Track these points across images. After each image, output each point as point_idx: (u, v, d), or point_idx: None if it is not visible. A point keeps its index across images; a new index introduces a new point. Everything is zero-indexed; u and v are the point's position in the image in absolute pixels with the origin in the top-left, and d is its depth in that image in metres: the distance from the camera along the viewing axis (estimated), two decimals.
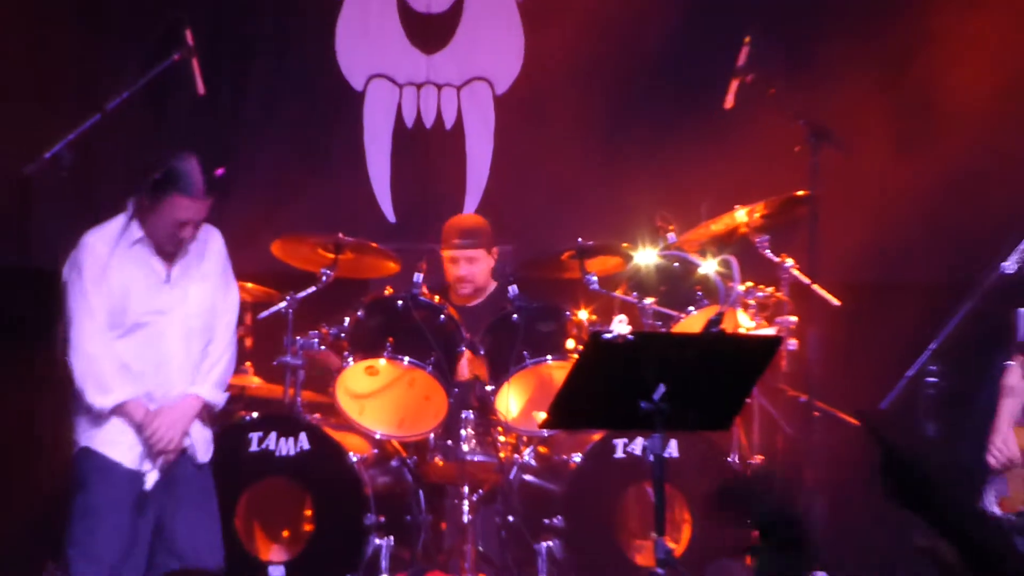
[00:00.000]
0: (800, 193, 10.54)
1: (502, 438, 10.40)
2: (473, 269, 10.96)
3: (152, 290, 8.79)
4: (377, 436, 10.26)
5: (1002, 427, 9.57)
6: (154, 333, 8.79)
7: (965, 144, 11.39)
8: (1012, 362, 9.74)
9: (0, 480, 10.78)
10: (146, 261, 8.79)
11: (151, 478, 8.72)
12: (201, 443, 8.90)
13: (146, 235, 8.78)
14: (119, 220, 8.83)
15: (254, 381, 10.35)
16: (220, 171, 8.80)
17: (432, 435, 10.31)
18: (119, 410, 8.68)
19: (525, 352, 10.28)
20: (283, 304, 10.23)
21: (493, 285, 11.07)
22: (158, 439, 8.69)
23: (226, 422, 9.56)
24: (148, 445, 8.71)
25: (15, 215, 10.71)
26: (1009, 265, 10.07)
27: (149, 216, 8.72)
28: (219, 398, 8.94)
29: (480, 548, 10.31)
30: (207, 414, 8.92)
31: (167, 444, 8.70)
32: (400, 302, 10.34)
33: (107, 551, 8.65)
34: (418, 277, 10.40)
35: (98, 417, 8.72)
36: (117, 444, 8.71)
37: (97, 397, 8.66)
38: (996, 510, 9.54)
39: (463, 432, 10.34)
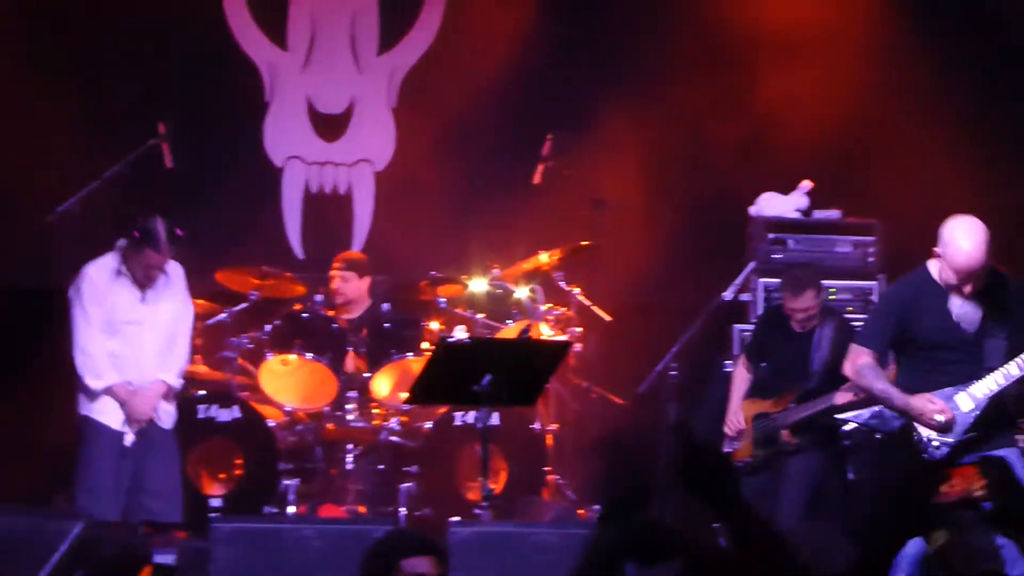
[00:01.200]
0: (584, 243, 10.75)
1: (376, 410, 10.49)
2: (345, 286, 10.74)
3: (131, 306, 9.11)
4: (288, 408, 10.39)
5: (733, 407, 9.81)
6: (133, 336, 9.11)
7: (695, 202, 11.46)
8: (736, 362, 10.09)
9: (23, 440, 10.59)
10: (127, 286, 9.10)
11: (129, 438, 9.03)
12: (166, 414, 9.22)
13: (127, 269, 9.06)
14: (109, 256, 9.15)
15: (202, 369, 10.34)
16: (179, 232, 9.09)
17: (326, 408, 10.40)
18: (108, 391, 9.03)
19: (393, 350, 10.42)
20: (223, 315, 10.35)
21: (368, 303, 10.85)
22: (135, 412, 9.04)
23: (181, 397, 9.46)
24: (127, 415, 9.02)
25: (39, 251, 10.50)
26: (728, 294, 10.52)
27: (131, 259, 9.05)
28: (178, 383, 9.29)
29: (359, 487, 10.35)
30: (171, 394, 9.25)
31: (141, 415, 9.05)
32: (306, 315, 10.51)
33: (101, 488, 8.94)
34: (318, 298, 10.64)
35: (93, 394, 9.05)
36: (107, 413, 9.06)
37: (92, 381, 9.03)
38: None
39: (348, 406, 10.42)
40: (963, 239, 7.50)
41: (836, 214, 11.00)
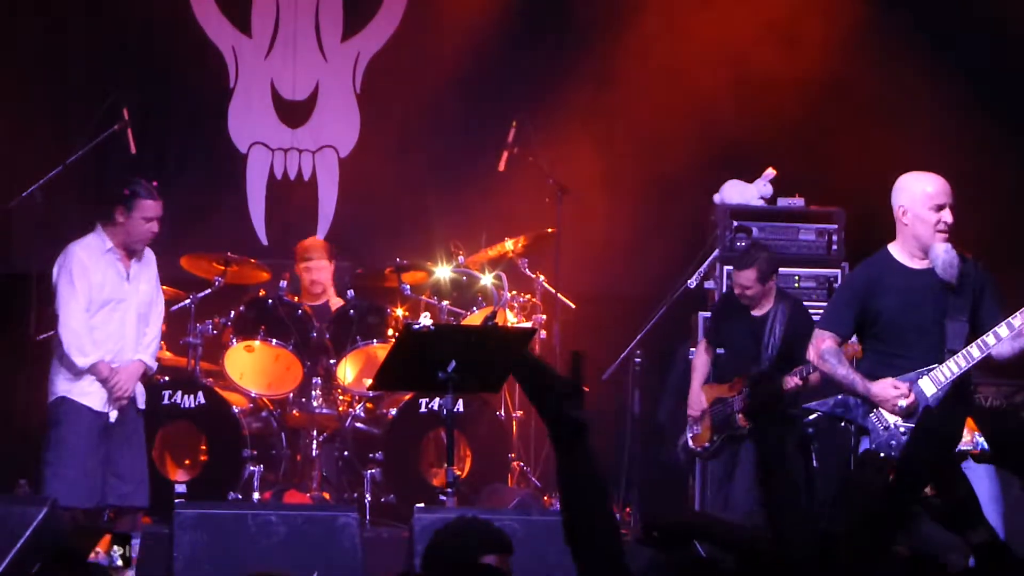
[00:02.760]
0: (549, 230, 10.84)
1: (341, 397, 10.52)
2: (323, 275, 10.93)
3: (118, 284, 9.14)
4: (252, 394, 10.45)
5: (695, 389, 9.95)
6: (117, 314, 9.14)
7: (660, 189, 11.44)
8: (697, 347, 10.23)
9: None
10: (113, 264, 9.13)
11: (113, 415, 9.04)
12: (140, 395, 9.27)
13: (115, 245, 9.09)
14: (92, 236, 9.15)
15: (166, 355, 10.37)
16: (155, 183, 9.22)
17: (291, 394, 10.45)
18: (92, 368, 9.00)
19: (358, 337, 10.41)
20: (188, 301, 10.36)
21: (333, 289, 10.99)
22: (118, 389, 9.03)
23: (146, 382, 9.41)
24: (110, 393, 9.02)
25: (0, 238, 10.68)
26: (692, 282, 10.60)
27: (124, 226, 9.08)
28: (153, 365, 9.34)
29: (324, 473, 10.41)
30: (144, 376, 9.30)
31: (124, 392, 9.06)
32: (270, 301, 10.50)
33: (73, 472, 8.91)
34: (283, 284, 10.64)
35: (75, 374, 9.01)
36: (89, 394, 9.03)
37: (79, 358, 8.99)
38: (691, 444, 9.92)
39: (313, 392, 10.48)
40: (921, 177, 7.48)
41: (800, 202, 11.07)
